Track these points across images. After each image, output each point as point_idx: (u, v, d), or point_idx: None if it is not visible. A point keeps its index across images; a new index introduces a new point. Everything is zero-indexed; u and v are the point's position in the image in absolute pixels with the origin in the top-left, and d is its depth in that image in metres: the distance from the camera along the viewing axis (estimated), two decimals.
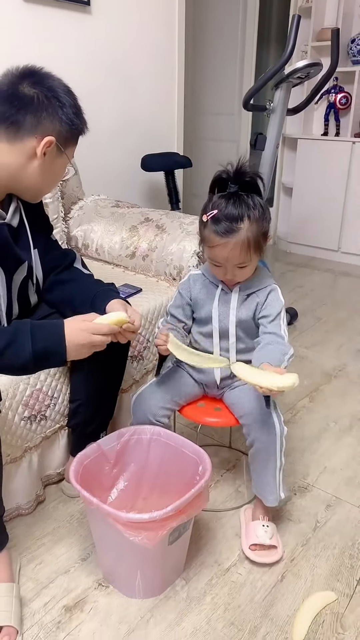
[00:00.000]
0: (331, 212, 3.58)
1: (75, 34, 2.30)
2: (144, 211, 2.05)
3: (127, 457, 1.26)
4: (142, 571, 1.12)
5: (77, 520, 1.35)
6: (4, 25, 2.02)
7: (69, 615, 1.11)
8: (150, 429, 1.26)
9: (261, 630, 1.09)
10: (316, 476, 1.54)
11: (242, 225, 1.14)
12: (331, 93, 3.47)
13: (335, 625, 1.10)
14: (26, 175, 1.10)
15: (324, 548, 1.29)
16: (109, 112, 2.56)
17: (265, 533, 1.25)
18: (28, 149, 1.07)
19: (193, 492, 1.04)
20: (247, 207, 1.15)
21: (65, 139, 1.11)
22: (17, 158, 1.07)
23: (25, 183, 1.12)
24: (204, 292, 1.30)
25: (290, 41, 2.05)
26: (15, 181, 1.11)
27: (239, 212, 1.14)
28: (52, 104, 1.06)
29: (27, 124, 1.05)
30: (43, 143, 1.06)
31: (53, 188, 1.21)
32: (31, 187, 1.15)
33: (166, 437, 1.24)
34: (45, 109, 1.05)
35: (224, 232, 1.14)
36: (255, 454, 1.24)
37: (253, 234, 1.15)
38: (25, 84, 1.05)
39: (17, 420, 1.28)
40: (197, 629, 1.09)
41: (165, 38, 2.77)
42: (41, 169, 1.10)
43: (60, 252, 1.34)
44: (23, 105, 1.04)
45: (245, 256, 1.17)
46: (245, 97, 2.17)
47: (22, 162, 1.08)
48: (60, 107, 1.07)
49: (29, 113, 1.04)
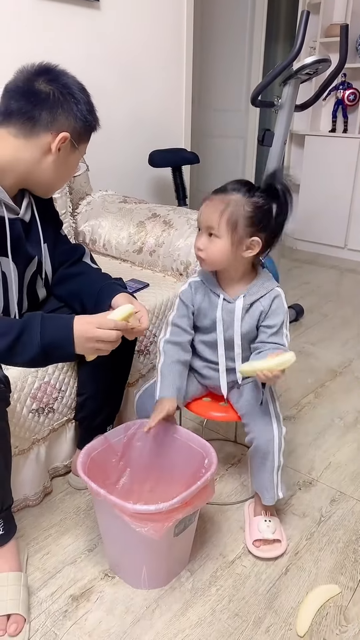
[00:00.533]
0: (338, 209, 3.57)
1: (84, 29, 2.31)
2: (152, 207, 2.05)
3: (133, 449, 1.27)
4: (147, 562, 1.14)
5: (84, 512, 1.37)
6: (14, 21, 2.03)
7: (76, 604, 1.13)
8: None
9: (265, 622, 1.10)
10: (321, 471, 1.54)
11: (232, 193, 1.15)
12: (339, 89, 3.46)
13: (339, 617, 1.11)
14: (41, 170, 1.12)
15: (328, 542, 1.30)
16: (117, 108, 2.57)
17: (268, 528, 1.27)
18: (43, 144, 1.09)
19: (199, 485, 1.05)
20: (250, 191, 1.15)
21: (79, 135, 1.13)
22: (32, 153, 1.09)
23: (39, 178, 1.14)
24: (207, 301, 1.27)
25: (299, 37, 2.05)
26: (30, 176, 1.13)
27: (239, 187, 1.15)
28: (67, 101, 1.08)
29: (42, 120, 1.07)
30: (58, 139, 1.09)
31: (65, 184, 1.23)
32: (44, 182, 1.16)
33: (173, 430, 1.25)
34: (61, 106, 1.08)
35: (215, 191, 1.17)
36: (254, 452, 1.25)
37: (236, 207, 1.14)
38: (41, 80, 1.07)
39: (26, 412, 1.29)
40: (202, 620, 1.10)
41: (173, 34, 2.77)
42: (55, 164, 1.12)
43: (69, 247, 1.36)
44: (39, 102, 1.06)
45: (217, 222, 1.14)
46: (254, 93, 2.16)
47: (37, 157, 1.10)
48: (75, 103, 1.10)
49: (45, 109, 1.07)
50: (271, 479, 1.25)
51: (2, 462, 1.09)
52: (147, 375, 1.68)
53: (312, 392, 1.95)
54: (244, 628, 1.08)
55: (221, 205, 1.14)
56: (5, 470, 1.11)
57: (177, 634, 1.07)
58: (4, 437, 1.08)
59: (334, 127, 3.59)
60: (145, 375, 1.68)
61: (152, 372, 1.71)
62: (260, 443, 1.23)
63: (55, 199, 1.87)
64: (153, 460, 1.27)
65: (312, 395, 1.93)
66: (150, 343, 1.66)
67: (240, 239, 1.16)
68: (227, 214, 1.14)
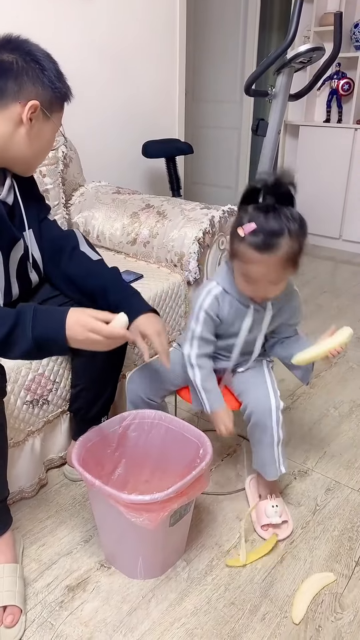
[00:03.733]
0: (333, 200, 3.57)
1: (76, 19, 2.28)
2: (145, 198, 2.04)
3: (128, 440, 1.27)
4: (143, 552, 1.14)
5: (79, 504, 1.37)
6: (6, 10, 2.01)
7: (72, 595, 1.13)
8: (151, 413, 1.27)
9: (261, 610, 1.10)
10: (316, 460, 1.55)
11: (282, 241, 1.05)
12: (334, 79, 3.44)
13: (334, 605, 1.12)
14: (15, 143, 1.09)
15: (323, 530, 1.30)
16: (110, 98, 2.55)
17: (275, 512, 1.28)
18: (14, 115, 1.05)
19: (194, 474, 1.05)
20: (287, 220, 1.06)
21: (49, 103, 1.09)
22: (4, 126, 1.06)
23: (15, 152, 1.10)
24: (233, 313, 1.22)
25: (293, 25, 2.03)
26: (5, 152, 1.09)
27: (280, 225, 1.05)
28: (32, 68, 1.05)
29: (9, 90, 1.03)
30: (27, 107, 1.05)
31: (43, 158, 1.19)
32: (21, 157, 1.12)
33: (168, 421, 1.25)
34: (26, 73, 1.04)
35: (264, 248, 1.05)
36: (253, 427, 1.26)
37: (293, 250, 1.07)
38: (3, 51, 1.04)
39: (20, 404, 1.29)
40: (198, 608, 1.10)
41: (166, 24, 2.74)
42: (29, 135, 1.09)
43: (60, 234, 1.34)
44: (3, 72, 1.03)
45: (284, 273, 1.11)
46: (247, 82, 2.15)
47: (9, 130, 1.07)
48: (40, 70, 1.06)
49: (10, 78, 1.03)
50: (272, 454, 1.26)
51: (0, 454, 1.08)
52: None
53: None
54: (239, 616, 1.09)
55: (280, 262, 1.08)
56: (2, 462, 1.10)
57: (173, 622, 1.07)
58: (0, 429, 1.08)
59: (329, 117, 3.57)
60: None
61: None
62: (258, 416, 1.23)
63: (48, 189, 1.86)
64: (148, 451, 1.27)
65: (307, 386, 1.94)
66: None
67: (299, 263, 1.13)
68: (289, 264, 1.09)
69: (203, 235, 1.78)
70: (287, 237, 1.05)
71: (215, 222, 1.81)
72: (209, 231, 1.79)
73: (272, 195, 1.07)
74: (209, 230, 1.79)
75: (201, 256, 1.80)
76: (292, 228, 1.06)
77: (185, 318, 1.82)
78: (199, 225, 1.79)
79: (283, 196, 1.07)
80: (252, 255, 1.07)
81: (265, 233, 1.05)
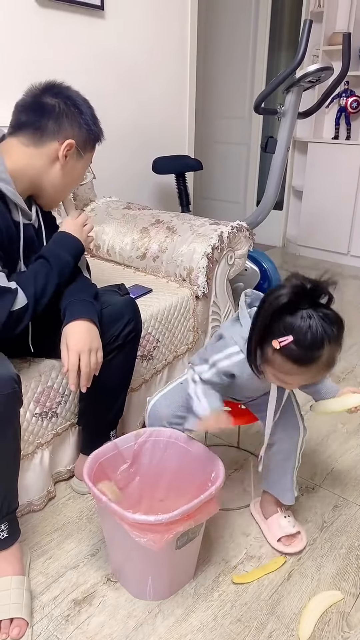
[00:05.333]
0: (341, 216, 3.58)
1: (88, 38, 2.34)
2: (155, 213, 2.07)
3: (143, 458, 1.25)
4: (149, 573, 1.12)
5: (87, 517, 1.37)
6: (19, 29, 2.06)
7: (78, 608, 1.13)
8: (167, 432, 1.25)
9: (267, 627, 1.10)
10: (324, 477, 1.54)
11: (322, 351, 0.97)
12: (342, 97, 3.48)
13: (341, 624, 1.11)
14: (49, 177, 1.20)
15: (330, 548, 1.30)
16: (121, 115, 2.59)
17: (289, 523, 1.29)
18: (51, 152, 1.17)
19: (202, 499, 1.02)
20: (326, 327, 0.96)
21: (84, 143, 1.21)
22: (41, 160, 1.18)
23: (48, 184, 1.21)
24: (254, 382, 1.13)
25: (302, 45, 2.07)
26: (39, 182, 1.20)
27: (320, 337, 0.96)
28: (72, 112, 1.17)
29: (49, 129, 1.15)
30: (64, 146, 1.17)
31: (70, 192, 1.32)
32: (51, 189, 1.23)
33: (183, 441, 1.23)
34: (66, 116, 1.16)
35: (302, 362, 0.98)
36: (276, 453, 1.26)
37: (332, 355, 0.99)
38: (47, 95, 1.17)
39: (29, 416, 1.30)
40: (204, 625, 1.10)
41: (177, 42, 2.79)
42: (63, 171, 1.20)
43: None
44: (46, 113, 1.15)
45: (322, 375, 1.06)
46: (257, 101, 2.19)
47: (46, 164, 1.18)
48: (79, 114, 1.18)
49: (51, 119, 1.15)
50: (291, 479, 1.26)
51: (13, 464, 1.10)
52: (150, 381, 1.69)
53: None
54: (246, 634, 1.08)
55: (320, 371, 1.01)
56: (16, 472, 1.12)
57: (179, 638, 1.07)
58: (16, 439, 1.09)
59: (337, 134, 3.60)
60: (148, 380, 1.68)
61: (155, 377, 1.72)
62: (285, 444, 1.24)
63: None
64: (163, 469, 1.26)
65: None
66: (153, 348, 1.66)
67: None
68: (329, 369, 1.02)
69: (212, 251, 1.80)
70: (327, 346, 0.97)
71: (224, 238, 1.83)
72: (217, 247, 1.81)
73: (308, 300, 0.97)
74: (217, 245, 1.81)
75: (209, 271, 1.81)
76: (331, 335, 0.97)
77: (193, 332, 1.84)
78: (207, 241, 1.81)
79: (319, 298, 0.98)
80: (289, 368, 0.99)
81: (305, 347, 0.96)
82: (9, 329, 1.09)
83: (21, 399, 1.08)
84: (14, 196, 1.13)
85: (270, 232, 4.03)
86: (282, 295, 0.96)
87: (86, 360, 1.15)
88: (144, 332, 1.59)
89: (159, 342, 1.68)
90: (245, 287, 2.32)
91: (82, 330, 1.16)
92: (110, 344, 1.29)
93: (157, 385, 1.73)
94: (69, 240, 1.25)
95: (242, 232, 1.90)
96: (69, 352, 1.14)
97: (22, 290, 1.11)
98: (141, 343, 1.53)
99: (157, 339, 1.67)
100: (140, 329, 1.38)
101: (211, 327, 1.94)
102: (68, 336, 1.16)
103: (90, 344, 1.16)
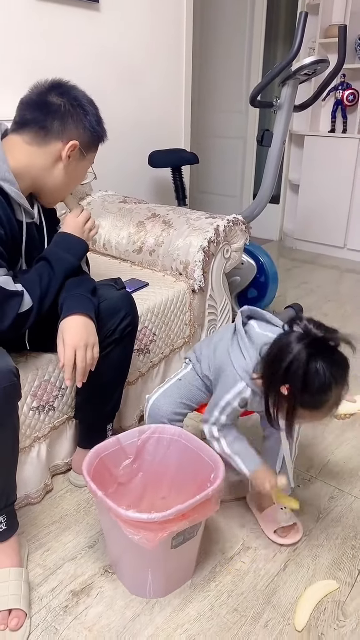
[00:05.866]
0: (337, 209, 3.59)
1: (84, 31, 2.32)
2: (151, 207, 2.07)
3: (146, 454, 1.26)
4: (144, 571, 1.12)
5: (84, 509, 1.38)
6: (15, 23, 2.05)
7: (76, 599, 1.14)
8: (171, 429, 1.25)
9: (264, 617, 1.11)
10: (319, 468, 1.56)
11: (330, 394, 1.00)
12: (338, 90, 3.47)
13: (337, 612, 1.12)
14: (51, 176, 1.20)
15: (326, 538, 1.31)
16: (117, 108, 2.58)
17: (285, 515, 1.29)
18: (54, 151, 1.17)
19: (197, 499, 1.01)
20: (332, 370, 0.98)
21: (87, 144, 1.21)
22: (44, 160, 1.17)
23: (50, 184, 1.21)
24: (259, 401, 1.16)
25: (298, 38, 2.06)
26: (41, 181, 1.20)
27: (327, 381, 0.98)
28: (77, 112, 1.16)
29: (54, 129, 1.15)
30: (68, 146, 1.16)
31: (70, 191, 1.31)
32: (53, 188, 1.23)
33: (186, 439, 1.23)
34: (71, 116, 1.16)
35: (312, 407, 1.02)
36: (274, 445, 1.27)
37: (341, 394, 1.02)
38: (53, 94, 1.15)
39: (26, 410, 1.31)
40: (201, 615, 1.11)
41: (173, 35, 2.78)
42: (65, 170, 1.20)
43: None
44: (51, 112, 1.14)
45: (331, 414, 1.07)
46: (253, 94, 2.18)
47: (48, 164, 1.18)
48: (84, 115, 1.17)
49: (57, 119, 1.14)
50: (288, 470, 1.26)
51: (12, 457, 1.10)
52: (146, 374, 1.70)
53: None
54: (242, 623, 1.10)
55: (329, 410, 1.04)
56: (14, 465, 1.12)
57: (176, 628, 1.08)
58: (14, 432, 1.10)
59: (333, 127, 3.60)
60: (145, 373, 1.69)
61: (152, 370, 1.72)
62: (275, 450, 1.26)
63: None
64: (166, 466, 1.26)
65: None
66: (149, 342, 1.67)
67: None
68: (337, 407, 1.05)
69: (208, 244, 1.80)
70: (334, 389, 0.99)
71: (220, 231, 1.83)
72: (214, 240, 1.81)
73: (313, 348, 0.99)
74: (214, 239, 1.81)
75: (206, 265, 1.81)
76: (338, 378, 0.99)
77: (189, 326, 1.84)
78: (204, 235, 1.81)
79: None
80: (299, 412, 1.02)
81: (312, 392, 0.99)
82: (14, 330, 1.11)
83: (20, 392, 1.08)
84: (17, 197, 1.13)
85: (267, 226, 4.03)
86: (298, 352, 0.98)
87: (82, 355, 1.15)
88: (141, 326, 1.60)
89: (156, 335, 1.69)
90: (241, 281, 2.33)
91: (79, 325, 1.16)
92: (107, 338, 1.30)
93: (154, 379, 1.74)
94: (72, 241, 1.25)
95: (238, 226, 1.90)
96: (65, 347, 1.14)
97: (28, 292, 1.12)
98: (138, 337, 1.54)
99: (154, 333, 1.68)
100: (136, 323, 1.38)
101: (207, 321, 1.94)
102: (64, 331, 1.16)
103: (86, 339, 1.16)
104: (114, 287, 1.37)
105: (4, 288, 1.07)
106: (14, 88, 1.20)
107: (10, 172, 1.12)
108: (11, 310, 1.09)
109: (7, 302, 1.09)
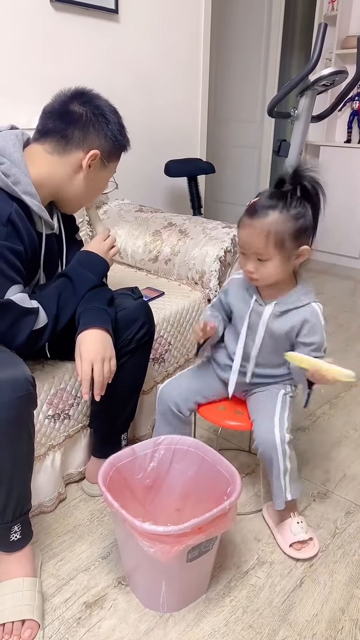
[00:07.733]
0: (353, 219, 3.56)
1: (102, 41, 2.35)
2: (167, 216, 2.07)
3: (161, 465, 1.25)
4: (159, 583, 1.10)
5: (98, 519, 1.37)
6: (34, 32, 2.07)
7: (89, 611, 1.13)
8: (187, 440, 1.25)
9: (279, 634, 1.09)
10: (336, 483, 1.53)
11: (270, 214, 1.14)
12: (355, 100, 3.46)
13: (354, 632, 1.10)
14: (72, 185, 1.19)
15: (343, 554, 1.28)
16: (134, 118, 2.58)
17: (302, 529, 1.28)
18: (75, 161, 1.16)
19: (214, 513, 1.00)
20: (285, 202, 1.15)
21: (109, 153, 1.20)
22: (65, 169, 1.17)
23: (70, 193, 1.21)
24: (239, 296, 1.30)
25: (317, 49, 2.07)
26: (62, 191, 1.20)
27: (274, 202, 1.15)
28: (99, 121, 1.16)
29: (75, 138, 1.14)
30: (88, 156, 1.16)
31: (92, 200, 1.31)
32: (74, 197, 1.22)
33: (203, 451, 1.22)
34: (92, 125, 1.15)
35: (251, 214, 1.16)
36: (261, 457, 1.27)
37: (279, 228, 1.14)
38: (75, 103, 1.15)
39: (42, 418, 1.31)
40: (216, 630, 1.09)
41: (190, 45, 2.80)
42: (86, 180, 1.19)
43: None
44: (73, 121, 1.14)
45: (265, 247, 1.15)
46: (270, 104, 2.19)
47: (69, 173, 1.17)
48: (106, 124, 1.17)
49: (78, 128, 1.14)
50: (279, 485, 1.25)
51: (27, 465, 1.10)
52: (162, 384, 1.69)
53: (326, 403, 1.94)
54: None
55: (263, 230, 1.14)
56: (29, 473, 1.12)
57: None
58: (30, 440, 1.09)
59: (349, 137, 3.59)
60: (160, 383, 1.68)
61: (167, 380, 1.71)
62: (264, 448, 1.24)
63: None
64: (181, 478, 1.25)
65: (327, 406, 1.92)
66: (165, 351, 1.66)
67: (289, 254, 1.18)
68: (272, 238, 1.14)
69: (224, 254, 1.80)
70: (277, 213, 1.14)
71: (236, 241, 1.82)
72: (230, 250, 1.81)
73: (291, 185, 1.17)
74: (230, 248, 1.81)
75: (222, 274, 1.81)
76: (287, 210, 1.14)
77: None
78: (220, 244, 1.80)
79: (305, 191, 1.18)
80: (243, 220, 1.18)
81: (260, 205, 1.16)
82: (28, 346, 1.12)
83: (36, 402, 1.08)
84: (39, 210, 1.14)
85: None
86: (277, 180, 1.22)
87: (99, 369, 1.15)
88: (156, 335, 1.59)
89: (171, 345, 1.68)
90: None
91: (96, 339, 1.16)
92: (124, 347, 1.30)
93: None
94: (95, 260, 1.26)
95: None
96: (82, 361, 1.14)
97: (44, 308, 1.13)
98: (153, 346, 1.53)
99: (169, 342, 1.67)
100: (153, 332, 1.38)
101: None
102: (81, 345, 1.16)
103: (103, 352, 1.15)
104: (131, 297, 1.37)
105: (20, 305, 1.07)
106: (33, 98, 1.21)
107: (32, 185, 1.12)
108: (26, 327, 1.10)
109: (22, 319, 1.09)
